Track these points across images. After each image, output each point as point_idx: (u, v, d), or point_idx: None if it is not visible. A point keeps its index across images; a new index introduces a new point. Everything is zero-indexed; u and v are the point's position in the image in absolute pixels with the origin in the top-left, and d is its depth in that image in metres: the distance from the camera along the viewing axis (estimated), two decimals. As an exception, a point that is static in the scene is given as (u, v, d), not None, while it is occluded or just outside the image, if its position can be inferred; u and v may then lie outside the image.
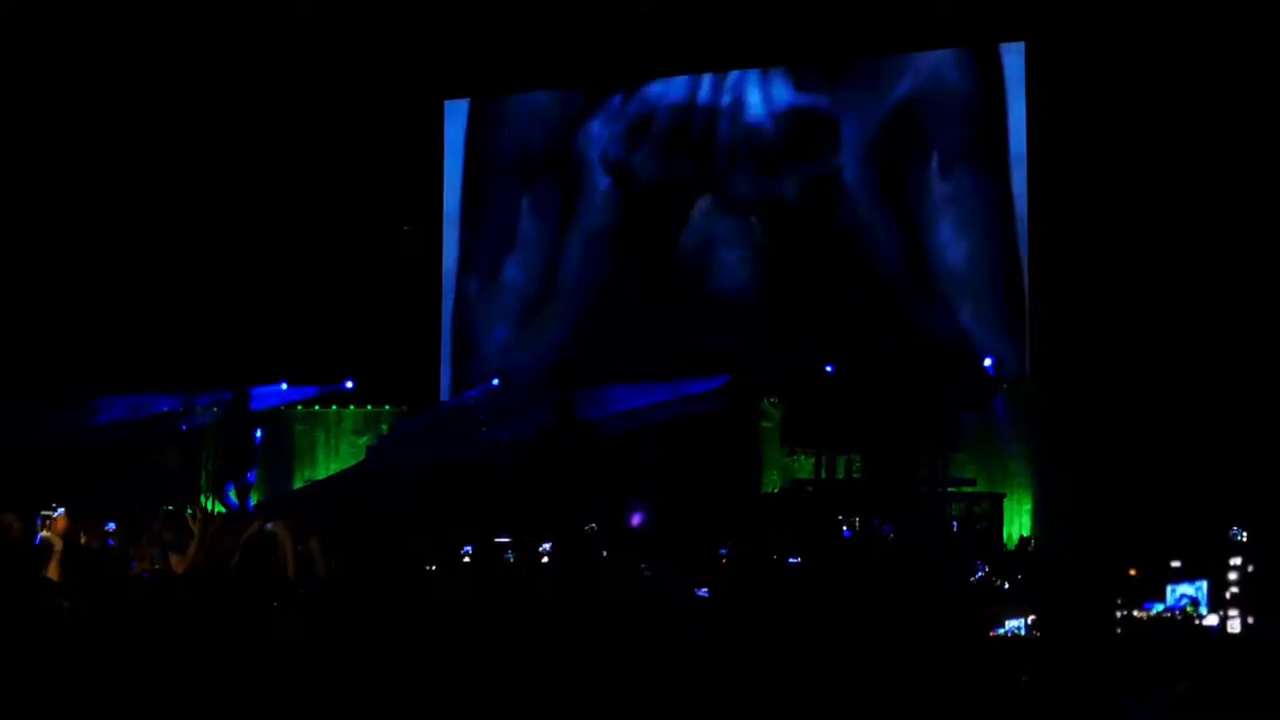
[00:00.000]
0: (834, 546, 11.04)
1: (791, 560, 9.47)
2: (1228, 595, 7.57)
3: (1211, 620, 7.57)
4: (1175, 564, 7.77)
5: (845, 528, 12.51)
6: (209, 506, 14.53)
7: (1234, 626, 7.54)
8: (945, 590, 8.65)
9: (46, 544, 11.26)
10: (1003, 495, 13.97)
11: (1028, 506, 14.43)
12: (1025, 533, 14.13)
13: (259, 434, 15.76)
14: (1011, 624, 8.40)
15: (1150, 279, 14.43)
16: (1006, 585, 9.70)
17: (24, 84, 16.65)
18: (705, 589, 9.21)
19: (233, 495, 14.89)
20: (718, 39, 16.64)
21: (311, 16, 16.57)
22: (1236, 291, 13.99)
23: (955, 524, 13.21)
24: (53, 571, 10.87)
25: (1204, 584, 7.66)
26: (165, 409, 16.80)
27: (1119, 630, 7.50)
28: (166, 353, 16.70)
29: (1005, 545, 13.44)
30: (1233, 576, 7.59)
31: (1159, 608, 7.68)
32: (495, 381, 17.00)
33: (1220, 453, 12.86)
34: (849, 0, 15.90)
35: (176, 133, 17.24)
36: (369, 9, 16.70)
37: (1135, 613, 7.66)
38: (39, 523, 11.75)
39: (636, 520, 12.32)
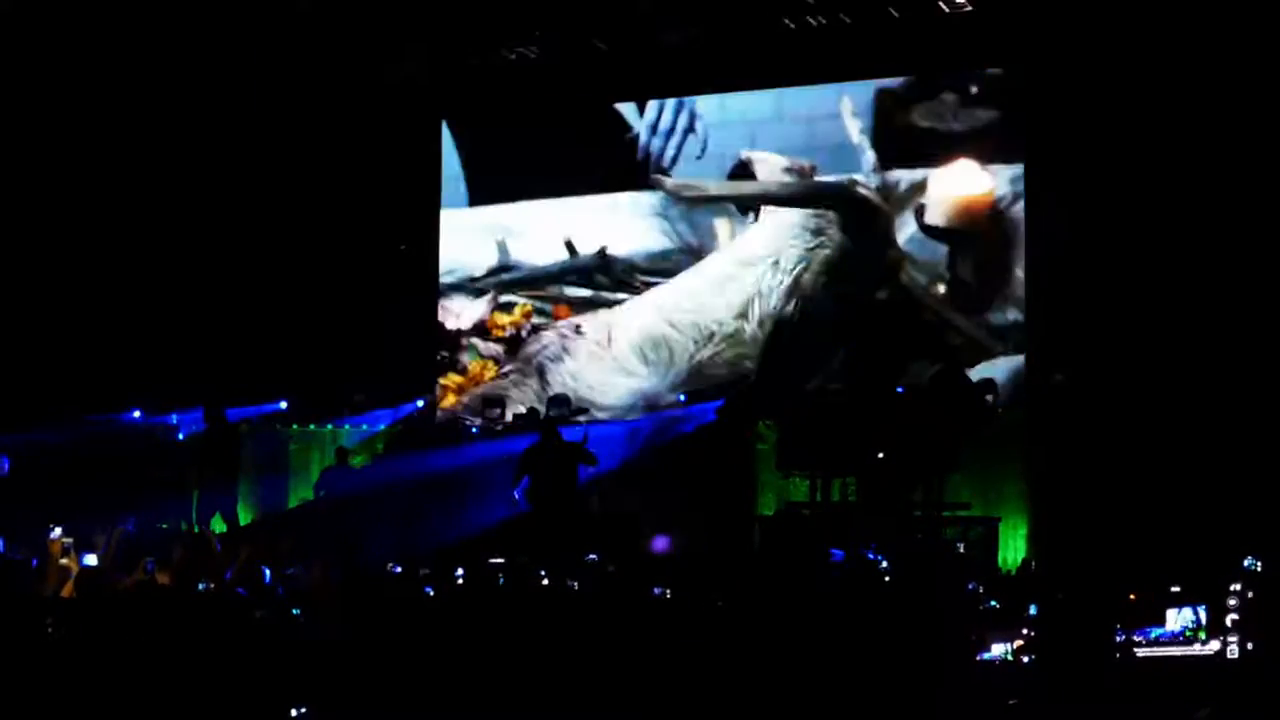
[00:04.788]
0: (824, 573, 11.01)
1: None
2: (1228, 621, 7.54)
3: (1213, 646, 7.54)
4: (1175, 589, 7.74)
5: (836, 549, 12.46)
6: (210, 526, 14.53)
7: (1233, 652, 7.51)
8: (937, 617, 8.64)
9: (64, 567, 11.29)
10: (998, 519, 13.94)
11: (1023, 530, 14.40)
12: (1021, 556, 14.10)
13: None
14: (997, 649, 8.38)
15: (1150, 299, 14.42)
16: (995, 604, 9.68)
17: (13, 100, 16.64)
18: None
19: (213, 523, 14.75)
20: (725, 59, 16.67)
21: (310, 32, 16.58)
22: (1237, 312, 13.96)
23: (960, 546, 13.19)
24: (67, 592, 10.90)
25: (1203, 609, 7.64)
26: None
27: (1117, 655, 7.49)
28: (158, 372, 16.70)
29: (1000, 569, 13.41)
30: (1232, 602, 7.57)
31: (1158, 633, 7.65)
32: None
33: (1222, 476, 12.82)
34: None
35: (170, 155, 17.24)
36: (369, 25, 16.70)
37: (1134, 637, 7.64)
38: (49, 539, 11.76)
39: (660, 546, 12.33)
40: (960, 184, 16.23)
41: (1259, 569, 8.12)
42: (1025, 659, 8.36)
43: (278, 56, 16.97)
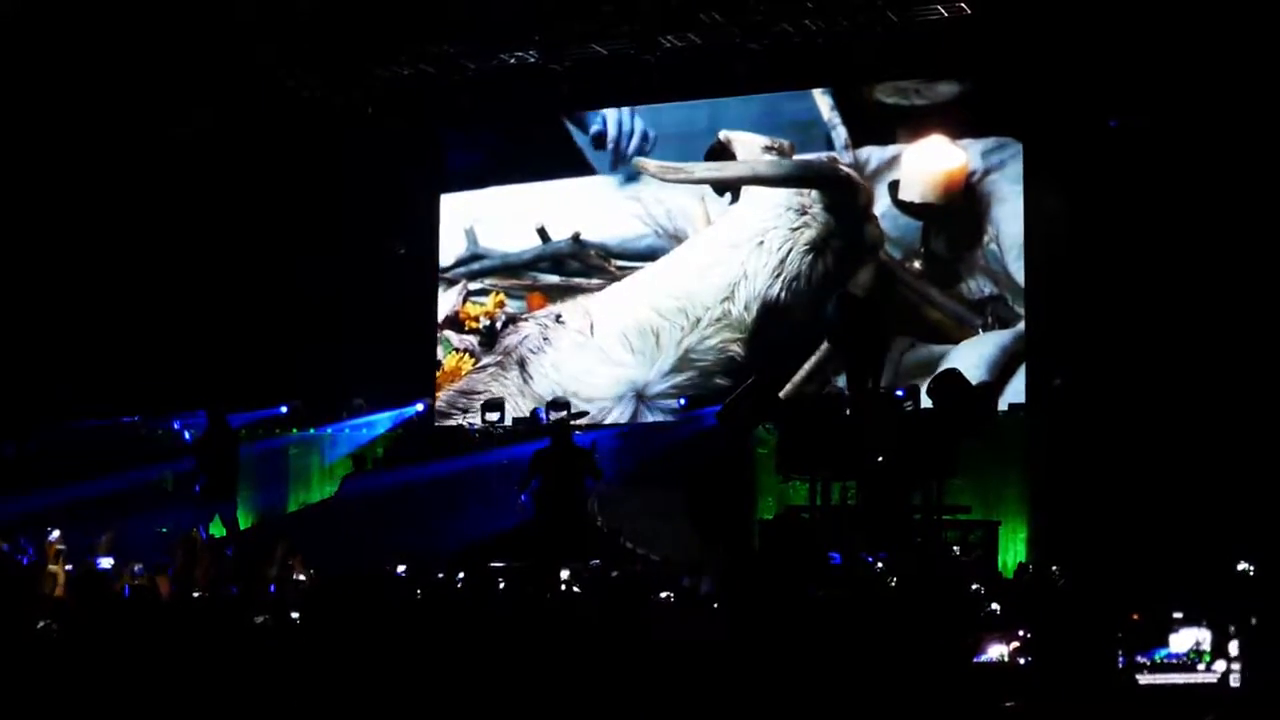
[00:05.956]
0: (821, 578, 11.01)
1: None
2: (1231, 644, 7.53)
3: (1218, 668, 7.52)
4: (1178, 615, 7.72)
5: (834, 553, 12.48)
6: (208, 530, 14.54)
7: (1236, 680, 7.50)
8: (933, 620, 8.66)
9: (56, 572, 11.32)
10: (998, 523, 13.96)
11: (1023, 535, 14.43)
12: (1020, 559, 14.13)
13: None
14: (994, 651, 8.38)
15: (1151, 304, 14.44)
16: (995, 607, 9.69)
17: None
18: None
19: (213, 527, 14.75)
20: (720, 68, 16.61)
21: (312, 34, 16.57)
22: (1239, 318, 13.98)
23: (956, 549, 13.20)
24: (59, 593, 10.93)
25: (1208, 631, 7.62)
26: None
27: (1120, 677, 7.49)
28: (158, 378, 16.73)
29: (1001, 573, 13.43)
30: (1234, 627, 7.54)
31: (1162, 654, 7.63)
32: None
33: (1224, 479, 12.84)
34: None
35: (168, 161, 17.25)
36: (366, 25, 16.69)
37: (1137, 659, 7.63)
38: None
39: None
40: (931, 159, 16.26)
41: (1252, 573, 8.09)
42: (1022, 661, 8.37)
43: (278, 60, 16.99)
